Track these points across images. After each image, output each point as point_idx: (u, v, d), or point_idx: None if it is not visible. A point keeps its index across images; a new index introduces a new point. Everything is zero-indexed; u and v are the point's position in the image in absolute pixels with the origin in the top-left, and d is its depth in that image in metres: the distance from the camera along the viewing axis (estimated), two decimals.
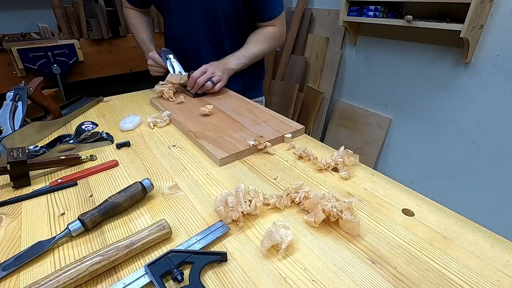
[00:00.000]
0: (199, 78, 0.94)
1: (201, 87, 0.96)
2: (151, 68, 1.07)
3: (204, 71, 0.95)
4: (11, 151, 0.56)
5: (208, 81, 0.95)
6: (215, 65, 0.98)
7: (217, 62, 1.00)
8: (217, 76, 0.96)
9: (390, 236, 0.45)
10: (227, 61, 1.01)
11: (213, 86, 0.96)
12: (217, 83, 0.96)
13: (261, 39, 1.07)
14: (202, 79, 0.94)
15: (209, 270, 0.40)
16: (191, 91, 0.98)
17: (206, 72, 0.95)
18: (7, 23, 1.98)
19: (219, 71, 0.97)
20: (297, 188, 0.51)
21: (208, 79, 0.95)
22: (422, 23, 1.39)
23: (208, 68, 0.96)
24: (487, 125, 1.43)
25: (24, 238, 0.45)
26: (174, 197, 0.54)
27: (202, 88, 0.96)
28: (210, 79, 0.95)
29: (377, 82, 1.87)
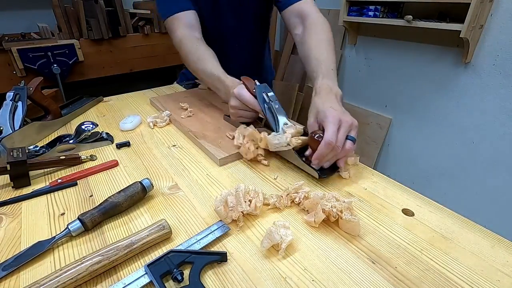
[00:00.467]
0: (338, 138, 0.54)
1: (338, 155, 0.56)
2: (236, 112, 0.71)
3: (337, 124, 0.55)
4: (11, 151, 0.56)
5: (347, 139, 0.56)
6: (339, 108, 0.60)
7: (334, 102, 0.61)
8: (354, 129, 0.58)
9: (390, 236, 0.45)
10: (336, 90, 0.65)
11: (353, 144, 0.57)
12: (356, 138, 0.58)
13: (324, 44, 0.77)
14: (341, 139, 0.55)
15: (209, 270, 0.40)
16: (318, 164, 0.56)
17: (341, 124, 0.56)
18: (7, 23, 1.98)
19: (349, 117, 0.58)
20: (297, 188, 0.51)
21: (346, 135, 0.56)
22: (422, 23, 1.39)
23: (341, 116, 0.56)
24: (487, 125, 1.43)
25: (24, 238, 0.45)
26: (174, 197, 0.54)
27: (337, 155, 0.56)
28: (349, 137, 0.56)
29: (377, 82, 1.87)
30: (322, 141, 0.53)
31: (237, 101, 0.68)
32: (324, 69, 0.70)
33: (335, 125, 0.54)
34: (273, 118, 0.64)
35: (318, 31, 0.79)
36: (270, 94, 0.66)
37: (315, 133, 0.56)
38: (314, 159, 0.55)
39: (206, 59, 0.81)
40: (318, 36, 0.78)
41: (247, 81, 0.68)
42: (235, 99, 0.69)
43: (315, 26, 0.80)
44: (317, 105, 0.61)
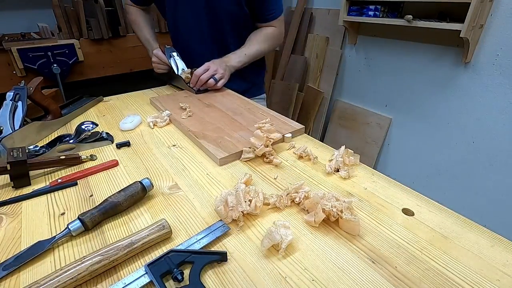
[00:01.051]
0: (202, 75, 0.97)
1: (203, 84, 0.99)
2: (155, 66, 1.11)
3: (206, 68, 0.98)
4: (11, 151, 0.56)
5: (211, 78, 0.98)
6: (217, 63, 1.01)
7: (219, 60, 1.02)
8: (219, 73, 0.99)
9: (390, 236, 0.45)
10: (228, 59, 1.04)
11: (216, 83, 0.99)
12: (220, 80, 1.00)
13: (261, 39, 1.09)
14: (205, 76, 0.97)
15: (209, 270, 0.40)
16: (194, 88, 1.00)
17: (209, 69, 0.98)
18: (7, 23, 1.98)
19: (221, 68, 1.00)
20: (297, 188, 0.51)
21: (211, 76, 0.98)
22: (422, 22, 1.39)
23: (211, 65, 0.99)
24: (487, 125, 1.43)
25: (24, 238, 0.45)
26: (174, 196, 0.54)
27: (205, 85, 0.99)
28: (212, 76, 0.98)
29: (377, 82, 1.87)
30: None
31: (155, 58, 1.11)
32: (239, 51, 1.07)
33: (204, 68, 0.99)
34: (176, 65, 1.07)
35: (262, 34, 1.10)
36: (174, 53, 1.08)
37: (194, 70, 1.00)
38: (190, 83, 1.01)
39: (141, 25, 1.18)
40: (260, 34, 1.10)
41: (162, 46, 1.11)
42: (154, 57, 1.11)
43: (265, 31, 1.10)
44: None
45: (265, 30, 1.10)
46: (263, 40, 1.09)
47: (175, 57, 1.08)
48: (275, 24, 1.10)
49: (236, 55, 1.05)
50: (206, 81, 0.98)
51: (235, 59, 1.04)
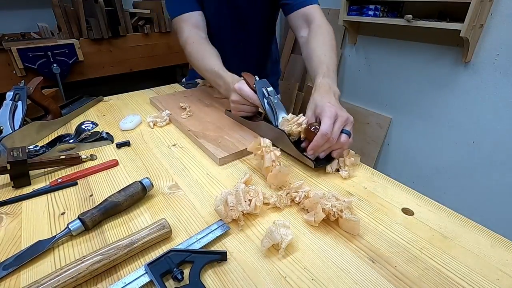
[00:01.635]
0: (333, 131, 0.57)
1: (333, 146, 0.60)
2: (236, 107, 0.74)
3: (334, 117, 0.59)
4: (11, 150, 0.56)
5: (343, 133, 0.60)
6: (337, 104, 0.63)
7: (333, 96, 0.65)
8: (350, 123, 0.62)
9: (389, 235, 0.45)
10: (335, 89, 0.68)
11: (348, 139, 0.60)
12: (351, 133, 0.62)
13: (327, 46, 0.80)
14: (336, 132, 0.58)
15: (209, 269, 0.40)
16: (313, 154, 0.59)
17: (337, 118, 0.59)
18: (7, 23, 1.98)
19: (345, 112, 0.62)
20: (297, 188, 0.51)
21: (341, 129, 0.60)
22: (422, 22, 1.39)
23: (338, 111, 0.60)
24: (487, 125, 1.43)
25: (24, 238, 0.45)
26: (174, 196, 0.54)
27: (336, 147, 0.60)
28: (344, 131, 0.60)
29: (377, 82, 1.87)
30: (318, 132, 0.56)
31: (238, 96, 0.72)
32: (325, 69, 0.72)
33: (331, 118, 0.58)
34: (272, 112, 0.67)
35: (322, 34, 0.82)
36: (270, 89, 0.69)
37: (311, 125, 0.59)
38: (309, 149, 0.58)
39: (208, 57, 0.85)
40: (322, 39, 0.81)
41: (248, 76, 0.71)
42: (236, 94, 0.72)
43: (320, 30, 0.83)
44: (315, 100, 0.64)
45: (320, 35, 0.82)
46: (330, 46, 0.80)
47: (272, 97, 0.68)
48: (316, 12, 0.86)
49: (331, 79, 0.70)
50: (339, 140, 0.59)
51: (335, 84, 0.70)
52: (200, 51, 0.87)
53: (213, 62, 0.83)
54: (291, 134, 0.63)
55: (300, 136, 0.63)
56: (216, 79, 0.81)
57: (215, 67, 0.81)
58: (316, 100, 0.64)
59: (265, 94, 0.68)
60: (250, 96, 0.69)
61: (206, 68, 0.84)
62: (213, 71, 0.81)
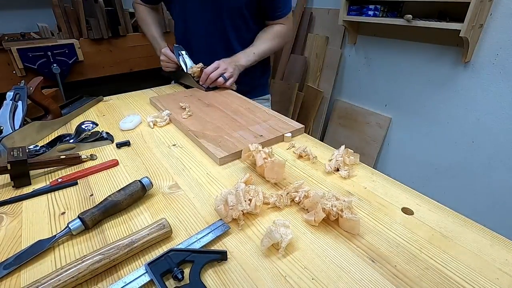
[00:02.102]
0: (211, 73, 0.99)
1: (213, 82, 1.00)
2: (164, 64, 1.12)
3: (216, 67, 1.00)
4: (12, 150, 0.56)
5: (220, 76, 0.99)
6: (227, 62, 1.02)
7: (228, 59, 1.04)
8: (228, 72, 1.00)
9: (389, 235, 0.45)
10: (237, 58, 1.04)
11: (225, 82, 1.00)
12: (229, 79, 1.01)
13: (269, 36, 1.10)
14: (214, 75, 0.99)
15: (209, 269, 0.40)
16: (203, 85, 1.02)
17: (219, 68, 1.00)
18: (6, 23, 1.98)
19: (230, 67, 1.01)
20: (297, 187, 0.51)
21: (220, 74, 0.99)
22: (421, 22, 1.39)
23: (220, 64, 1.00)
24: (487, 124, 1.43)
25: (24, 237, 0.46)
26: (174, 196, 0.54)
27: (214, 83, 1.01)
28: (222, 75, 0.99)
29: (377, 82, 1.87)
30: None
31: (164, 56, 1.11)
32: (248, 49, 1.07)
33: (214, 66, 1.00)
34: (184, 64, 1.07)
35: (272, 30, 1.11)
36: (183, 52, 1.08)
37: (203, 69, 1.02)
38: (200, 81, 1.03)
39: (149, 23, 1.18)
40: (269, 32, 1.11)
41: (171, 45, 1.12)
42: (162, 55, 1.11)
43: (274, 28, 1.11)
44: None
45: (274, 28, 1.11)
46: (272, 37, 1.10)
47: (184, 55, 1.08)
48: (284, 21, 1.11)
49: (245, 54, 1.06)
50: (216, 79, 0.99)
51: (244, 58, 1.05)
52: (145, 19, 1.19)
53: (154, 30, 1.17)
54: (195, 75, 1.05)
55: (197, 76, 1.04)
56: (154, 44, 1.18)
57: (155, 34, 1.17)
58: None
59: (180, 54, 1.08)
60: (170, 56, 1.09)
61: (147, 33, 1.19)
62: (153, 36, 1.17)
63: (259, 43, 1.09)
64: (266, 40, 1.09)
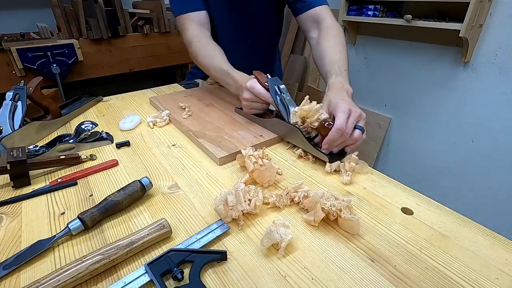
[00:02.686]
0: (347, 126, 0.58)
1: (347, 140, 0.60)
2: (249, 104, 0.75)
3: (347, 114, 0.59)
4: (11, 150, 0.56)
5: (356, 128, 0.60)
6: (349, 101, 0.64)
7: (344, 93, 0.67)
8: (362, 118, 0.62)
9: (389, 235, 0.45)
10: (347, 87, 0.71)
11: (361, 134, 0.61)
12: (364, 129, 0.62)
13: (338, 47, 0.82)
14: (350, 127, 0.59)
15: (209, 269, 0.40)
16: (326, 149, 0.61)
17: (351, 114, 0.60)
18: (6, 23, 1.98)
19: (358, 109, 0.62)
20: (297, 188, 0.51)
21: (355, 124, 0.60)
22: (421, 22, 1.39)
23: (351, 108, 0.60)
24: (486, 124, 1.43)
25: (24, 237, 0.45)
26: (174, 196, 0.54)
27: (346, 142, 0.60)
28: (357, 126, 0.60)
29: (377, 82, 1.87)
30: (333, 127, 0.58)
31: (250, 94, 0.73)
32: (337, 69, 0.75)
33: (345, 114, 0.59)
34: (284, 109, 0.69)
35: (333, 35, 0.84)
36: (282, 87, 0.71)
37: (325, 121, 0.60)
38: (324, 144, 0.60)
39: (215, 56, 0.86)
40: (333, 39, 0.83)
41: (259, 75, 0.73)
42: (248, 92, 0.73)
43: (330, 30, 0.85)
44: (329, 97, 0.65)
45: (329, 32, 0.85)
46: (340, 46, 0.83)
47: (284, 94, 0.70)
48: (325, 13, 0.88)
49: (343, 78, 0.74)
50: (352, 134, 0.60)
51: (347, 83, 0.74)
52: (207, 50, 0.88)
53: (221, 61, 0.84)
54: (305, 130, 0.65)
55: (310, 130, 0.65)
56: (225, 78, 0.81)
57: (224, 66, 0.82)
58: (329, 97, 0.65)
59: (277, 92, 0.70)
60: (263, 94, 0.71)
61: (214, 66, 0.85)
62: (222, 69, 0.82)
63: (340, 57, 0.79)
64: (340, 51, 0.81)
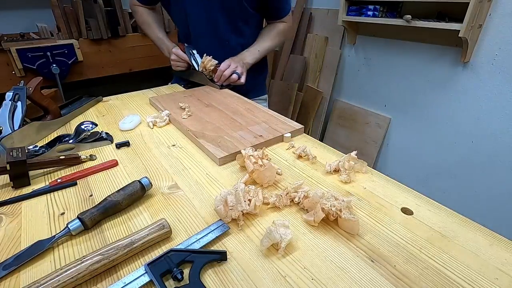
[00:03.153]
0: (225, 71, 1.01)
1: (227, 79, 1.02)
2: (174, 63, 1.13)
3: (228, 64, 1.03)
4: (11, 151, 0.56)
5: (234, 73, 1.02)
6: (236, 60, 1.06)
7: (235, 57, 1.07)
8: (239, 69, 1.04)
9: (389, 235, 0.45)
10: (243, 56, 1.08)
11: (239, 78, 1.03)
12: (242, 76, 1.04)
13: (272, 34, 1.15)
14: (228, 72, 1.01)
15: (209, 269, 0.40)
16: (218, 83, 1.05)
17: (230, 65, 1.03)
18: (6, 23, 1.98)
19: (240, 66, 1.04)
20: (297, 188, 0.51)
21: (233, 72, 1.02)
22: (421, 22, 1.40)
23: (231, 63, 1.03)
24: (486, 124, 1.43)
25: (24, 238, 0.45)
26: (174, 196, 0.54)
27: (228, 80, 1.03)
28: (235, 72, 1.02)
29: (376, 82, 1.87)
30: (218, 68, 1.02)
31: (175, 56, 1.11)
32: (253, 47, 1.12)
33: (227, 64, 1.03)
34: (196, 63, 1.09)
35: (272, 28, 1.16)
36: (194, 51, 1.10)
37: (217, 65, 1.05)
38: (215, 78, 1.04)
39: (152, 25, 1.18)
40: (271, 29, 1.16)
41: (181, 45, 1.13)
42: (173, 55, 1.12)
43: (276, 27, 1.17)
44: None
45: (276, 26, 1.16)
46: (274, 35, 1.15)
47: (195, 54, 1.10)
48: (286, 19, 1.16)
49: (250, 52, 1.10)
50: (230, 76, 1.01)
51: (250, 56, 1.09)
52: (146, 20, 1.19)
53: (157, 30, 1.18)
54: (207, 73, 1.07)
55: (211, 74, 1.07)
56: (161, 45, 1.17)
57: (159, 34, 1.17)
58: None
59: (191, 53, 1.10)
60: (181, 55, 1.10)
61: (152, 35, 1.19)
62: (158, 38, 1.17)
63: (263, 41, 1.13)
64: (269, 37, 1.14)
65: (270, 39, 1.14)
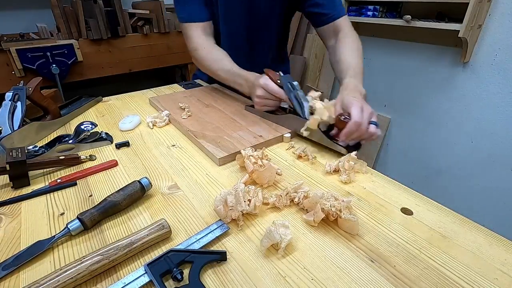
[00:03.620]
0: (363, 122, 0.61)
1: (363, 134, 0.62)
2: (262, 102, 0.77)
3: (361, 108, 0.62)
4: (11, 151, 0.56)
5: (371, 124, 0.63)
6: (361, 99, 0.67)
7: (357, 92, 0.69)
8: (374, 115, 0.65)
9: (389, 235, 0.45)
10: (360, 89, 0.72)
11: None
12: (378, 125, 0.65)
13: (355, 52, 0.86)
14: (366, 121, 0.62)
15: (208, 269, 0.40)
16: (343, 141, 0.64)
17: (364, 110, 0.63)
18: (5, 23, 1.98)
19: (369, 107, 0.65)
20: (296, 188, 0.51)
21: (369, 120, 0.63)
22: (420, 23, 1.40)
23: (363, 105, 0.64)
24: (486, 124, 1.44)
25: (23, 238, 0.45)
26: (174, 196, 0.54)
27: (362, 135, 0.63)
28: (372, 122, 0.63)
29: (376, 82, 1.87)
30: (350, 120, 0.60)
31: (263, 91, 0.75)
32: (352, 72, 0.78)
33: (360, 109, 0.62)
34: (299, 105, 0.71)
35: (350, 41, 0.88)
36: (295, 83, 0.73)
37: (341, 115, 0.63)
38: (342, 136, 0.62)
39: (222, 59, 0.90)
40: (350, 45, 0.87)
41: (271, 72, 0.75)
42: (261, 89, 0.75)
43: (347, 37, 0.89)
44: (343, 95, 0.68)
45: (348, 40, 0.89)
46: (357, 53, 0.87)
47: (298, 90, 0.72)
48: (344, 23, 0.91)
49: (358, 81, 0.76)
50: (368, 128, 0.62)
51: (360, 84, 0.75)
52: (213, 55, 0.92)
53: (229, 63, 0.88)
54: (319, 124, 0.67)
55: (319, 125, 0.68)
56: (236, 78, 0.85)
57: (233, 68, 0.87)
58: (343, 95, 0.68)
59: (290, 88, 0.72)
60: (276, 91, 0.73)
61: (222, 69, 0.89)
62: (231, 71, 0.86)
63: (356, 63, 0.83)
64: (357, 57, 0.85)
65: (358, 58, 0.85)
